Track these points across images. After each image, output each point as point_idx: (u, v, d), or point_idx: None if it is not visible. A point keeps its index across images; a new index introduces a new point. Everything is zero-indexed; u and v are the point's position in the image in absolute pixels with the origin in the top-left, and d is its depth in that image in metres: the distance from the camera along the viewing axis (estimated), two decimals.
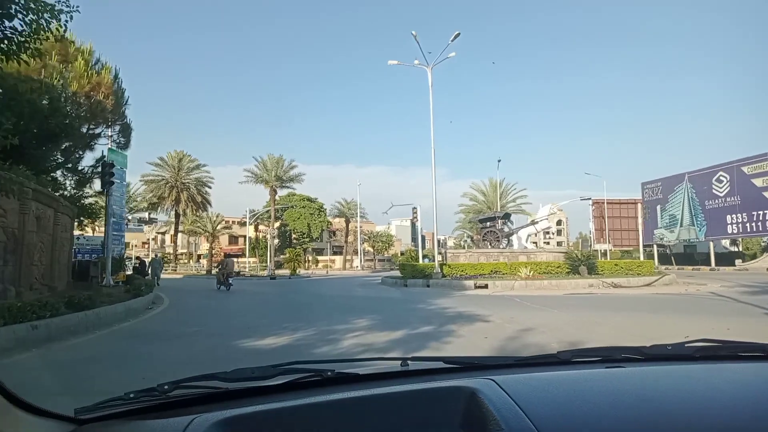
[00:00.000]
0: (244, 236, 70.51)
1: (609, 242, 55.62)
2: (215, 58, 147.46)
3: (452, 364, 1.29)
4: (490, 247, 27.68)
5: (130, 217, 53.33)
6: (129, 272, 24.73)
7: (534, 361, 1.37)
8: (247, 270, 43.03)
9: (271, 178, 44.45)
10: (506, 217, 28.93)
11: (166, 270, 49.29)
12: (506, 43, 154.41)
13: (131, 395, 1.11)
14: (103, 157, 19.14)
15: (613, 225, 57.65)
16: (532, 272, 21.52)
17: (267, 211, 50.22)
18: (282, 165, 45.68)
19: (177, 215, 49.68)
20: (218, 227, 46.42)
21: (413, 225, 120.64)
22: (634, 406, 0.98)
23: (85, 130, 19.03)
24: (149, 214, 50.86)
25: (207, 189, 52.60)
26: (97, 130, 20.03)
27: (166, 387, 1.10)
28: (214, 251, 61.79)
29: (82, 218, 20.46)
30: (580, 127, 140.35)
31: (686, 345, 1.41)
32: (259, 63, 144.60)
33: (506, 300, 14.37)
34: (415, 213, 28.80)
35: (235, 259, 29.19)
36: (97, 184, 20.11)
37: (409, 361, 1.30)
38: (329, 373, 1.16)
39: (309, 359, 1.37)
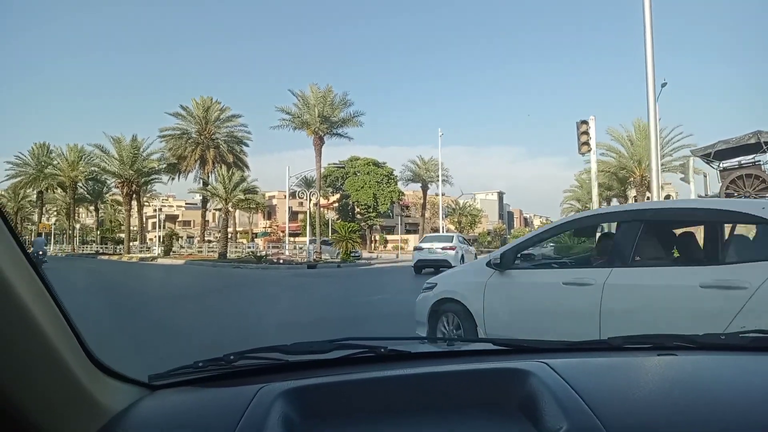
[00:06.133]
0: (305, 212, 58.73)
1: None
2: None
3: (502, 346, 1.32)
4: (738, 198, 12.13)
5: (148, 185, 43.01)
6: None
7: (585, 346, 1.37)
8: (285, 252, 30.54)
9: (313, 119, 29.75)
10: None
11: (176, 253, 38.01)
12: None
13: (200, 364, 1.16)
14: None
15: None
16: None
17: (325, 175, 37.44)
18: (330, 100, 30.49)
19: (205, 183, 38.30)
20: (235, 191, 32.59)
21: (500, 199, 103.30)
22: (688, 395, 0.99)
23: None
24: (170, 180, 39.75)
25: (242, 147, 40.89)
26: None
27: (232, 357, 1.16)
28: (262, 229, 50.21)
29: None
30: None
31: (740, 335, 1.40)
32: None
33: None
34: (586, 129, 13.21)
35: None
36: None
37: (457, 342, 1.46)
38: (382, 350, 1.22)
39: (362, 336, 1.37)
